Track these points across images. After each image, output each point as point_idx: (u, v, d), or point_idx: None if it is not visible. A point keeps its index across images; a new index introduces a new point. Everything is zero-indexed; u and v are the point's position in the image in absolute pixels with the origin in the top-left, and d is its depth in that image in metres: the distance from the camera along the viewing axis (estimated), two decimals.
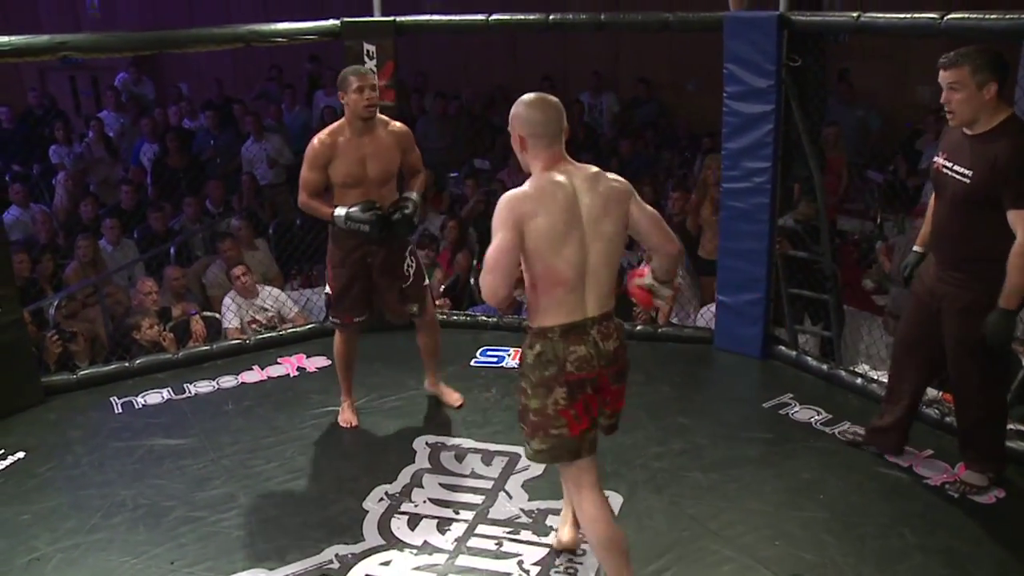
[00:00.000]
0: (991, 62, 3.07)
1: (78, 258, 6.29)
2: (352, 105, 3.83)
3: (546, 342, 2.65)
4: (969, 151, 3.16)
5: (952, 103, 3.15)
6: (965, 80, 3.09)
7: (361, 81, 3.81)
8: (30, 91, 10.21)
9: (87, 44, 4.60)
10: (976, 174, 3.13)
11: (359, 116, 3.84)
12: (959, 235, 3.26)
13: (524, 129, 2.64)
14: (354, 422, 4.21)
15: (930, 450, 3.85)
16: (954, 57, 3.12)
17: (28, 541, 3.42)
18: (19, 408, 4.46)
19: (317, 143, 3.88)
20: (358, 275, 4.03)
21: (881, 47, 8.20)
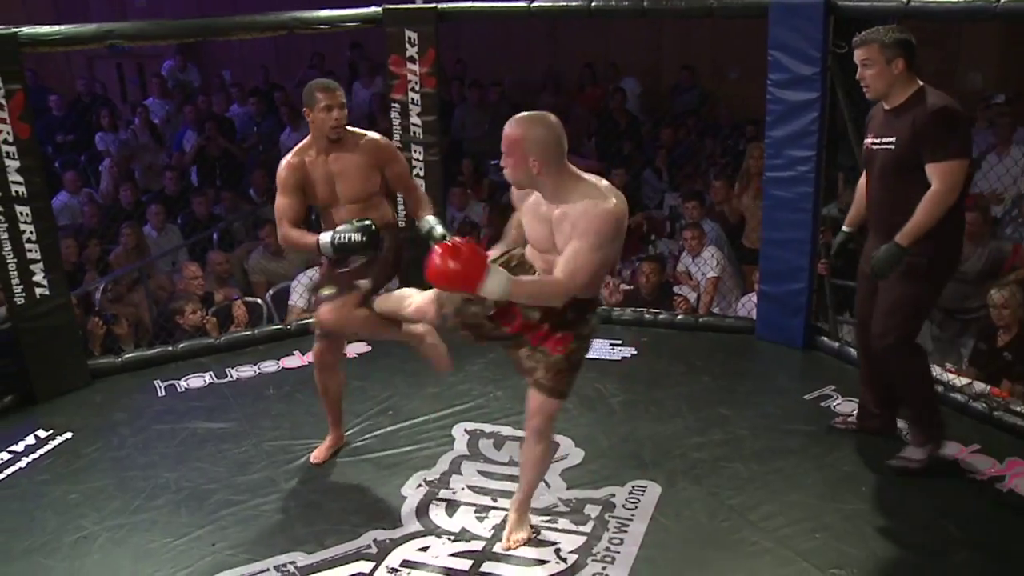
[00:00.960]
0: (897, 40, 3.35)
1: (123, 244, 6.39)
2: (318, 124, 3.44)
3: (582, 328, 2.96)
4: (890, 123, 3.41)
5: (866, 78, 3.41)
6: (875, 57, 3.36)
7: (329, 99, 3.42)
8: (79, 79, 10.38)
9: (133, 32, 4.66)
10: (899, 140, 3.36)
11: (324, 135, 3.47)
12: (891, 204, 3.43)
13: (541, 153, 2.71)
14: (319, 458, 3.82)
15: (976, 444, 3.77)
16: (864, 37, 3.40)
17: (75, 520, 3.49)
18: (66, 390, 4.55)
19: (284, 165, 3.52)
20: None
21: (931, 33, 8.01)
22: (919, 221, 3.29)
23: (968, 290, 5.03)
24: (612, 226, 2.71)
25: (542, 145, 2.71)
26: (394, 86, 5.10)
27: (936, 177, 3.27)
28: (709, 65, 9.39)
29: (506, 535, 3.25)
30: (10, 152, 4.19)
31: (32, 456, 3.99)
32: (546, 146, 2.71)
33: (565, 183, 2.75)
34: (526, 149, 2.71)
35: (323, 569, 3.15)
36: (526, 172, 2.75)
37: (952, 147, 3.26)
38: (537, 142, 2.71)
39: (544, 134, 2.72)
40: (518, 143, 2.73)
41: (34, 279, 4.37)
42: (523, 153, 2.72)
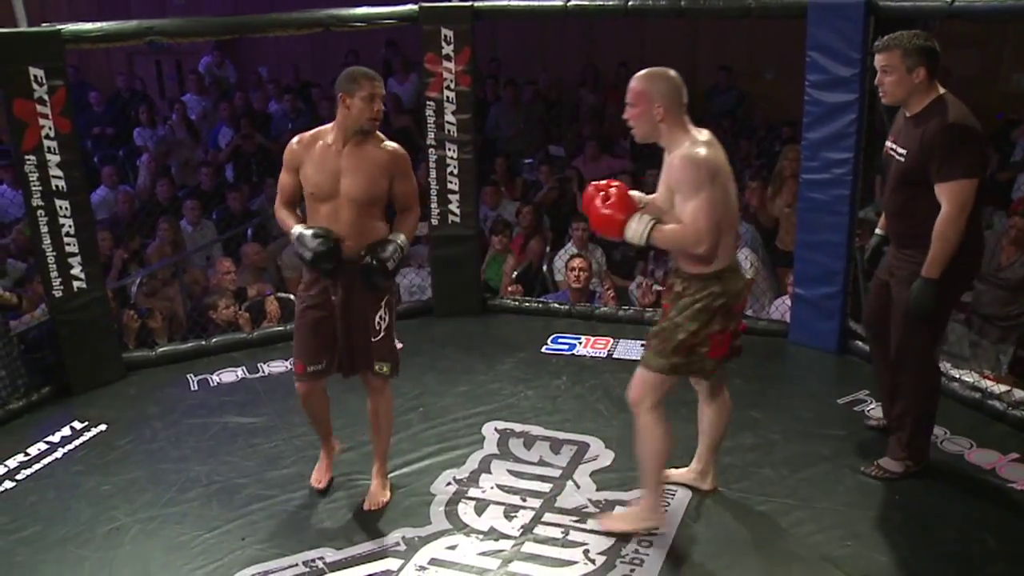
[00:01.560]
0: (920, 48, 3.25)
1: (160, 238, 6.46)
2: (355, 113, 3.20)
3: (720, 283, 3.00)
4: (908, 132, 3.34)
5: (884, 84, 3.34)
6: (896, 63, 3.27)
7: (372, 88, 3.19)
8: (119, 75, 10.52)
9: (172, 29, 4.72)
10: (909, 152, 3.31)
11: (359, 127, 3.24)
12: (901, 212, 3.43)
13: (663, 99, 2.92)
14: (322, 483, 3.63)
15: (1015, 453, 3.71)
16: (886, 41, 3.31)
17: (108, 511, 3.54)
18: (102, 383, 4.61)
19: (295, 140, 3.35)
20: (318, 312, 3.35)
21: (974, 33, 7.90)
22: (937, 249, 3.23)
23: (1008, 297, 4.95)
24: (694, 171, 2.87)
25: (665, 92, 2.94)
26: (429, 84, 5.11)
27: (944, 198, 3.20)
28: (745, 66, 9.31)
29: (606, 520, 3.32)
30: (51, 147, 4.25)
31: (68, 447, 4.05)
32: (669, 93, 2.94)
33: (678, 135, 2.96)
34: (652, 96, 2.93)
35: (352, 565, 3.16)
36: (650, 119, 2.95)
37: (960, 166, 3.17)
38: (661, 90, 2.94)
39: (667, 83, 2.96)
40: (644, 92, 2.95)
41: (72, 272, 4.43)
42: (648, 100, 2.93)
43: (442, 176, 5.23)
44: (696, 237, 2.90)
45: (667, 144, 2.98)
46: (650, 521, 3.26)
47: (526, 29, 9.91)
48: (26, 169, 4.24)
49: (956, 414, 4.05)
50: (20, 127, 4.18)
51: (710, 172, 2.89)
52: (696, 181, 2.87)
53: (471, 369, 4.66)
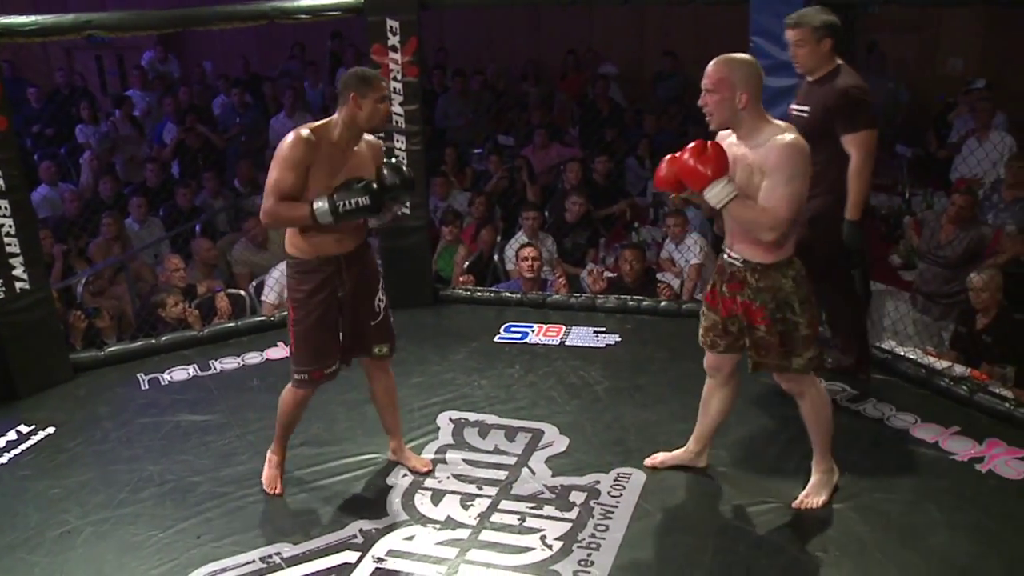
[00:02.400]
0: (826, 22, 3.71)
1: (103, 234, 6.35)
2: (366, 114, 3.17)
3: (795, 267, 3.05)
4: (808, 93, 3.80)
5: (798, 57, 3.77)
6: (807, 37, 3.72)
7: (385, 90, 3.21)
8: (57, 70, 10.29)
9: (112, 23, 4.61)
10: (812, 110, 3.75)
11: (368, 127, 3.23)
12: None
13: (749, 87, 2.92)
14: (278, 488, 3.54)
15: (957, 426, 3.81)
16: (798, 18, 3.75)
17: (59, 515, 3.48)
18: (48, 384, 4.53)
19: (299, 138, 3.14)
20: (328, 314, 3.33)
21: (911, 18, 8.06)
22: (856, 192, 3.70)
23: (949, 274, 5.07)
24: (797, 160, 2.88)
25: (749, 80, 2.93)
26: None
27: (854, 148, 3.67)
28: (692, 52, 9.39)
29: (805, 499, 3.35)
30: None
31: (14, 451, 3.97)
32: (753, 81, 2.93)
33: (759, 123, 2.95)
34: (735, 83, 2.91)
35: (309, 559, 3.16)
36: (731, 107, 2.93)
37: (864, 120, 3.66)
38: (744, 77, 2.92)
39: (751, 70, 2.95)
40: (726, 79, 2.93)
41: (14, 273, 4.34)
42: (731, 87, 2.91)
43: None
44: (773, 223, 2.91)
45: (748, 132, 2.97)
46: (835, 477, 3.39)
47: (473, 18, 9.89)
48: None
49: (901, 390, 4.15)
50: None
51: (808, 163, 2.91)
52: (794, 170, 2.88)
53: (424, 360, 4.66)
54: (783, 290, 3.04)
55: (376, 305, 3.45)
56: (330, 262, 3.29)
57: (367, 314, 3.43)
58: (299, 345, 3.37)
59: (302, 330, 3.33)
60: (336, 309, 3.35)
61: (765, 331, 3.09)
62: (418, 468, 3.67)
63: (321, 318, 3.32)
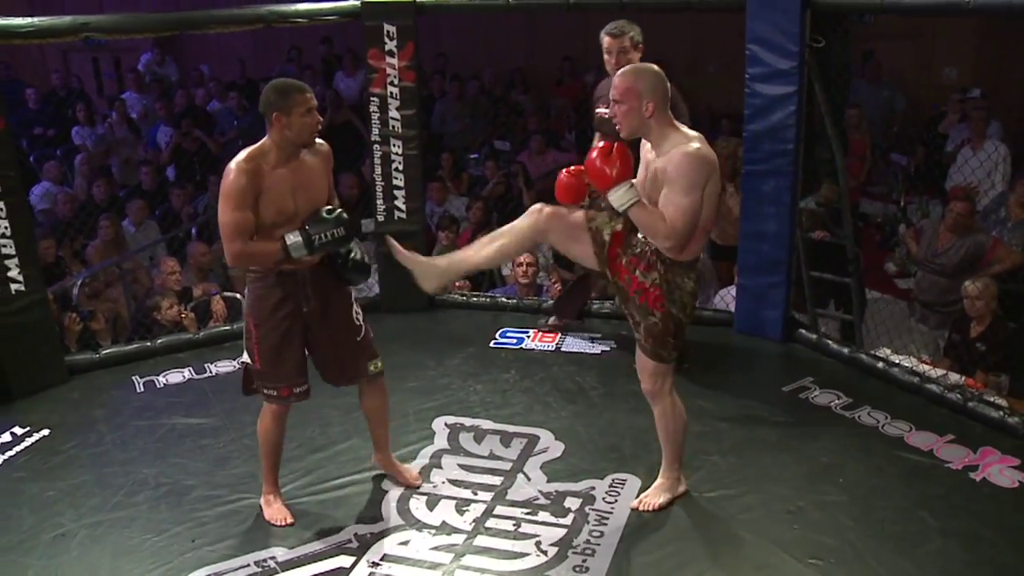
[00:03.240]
0: (638, 33, 4.25)
1: (100, 237, 6.34)
2: (296, 128, 3.03)
3: (695, 271, 3.14)
4: None
5: (621, 63, 4.04)
6: (628, 46, 4.18)
7: (309, 101, 3.05)
8: (54, 72, 10.27)
9: (109, 25, 4.61)
10: None
11: (301, 142, 3.09)
12: None
13: (656, 95, 2.97)
14: (288, 518, 3.36)
15: (951, 435, 3.82)
16: (620, 29, 4.23)
17: (53, 517, 3.47)
18: (43, 387, 4.51)
19: (238, 172, 2.99)
20: (293, 330, 3.21)
21: (907, 27, 8.09)
22: None
23: (947, 283, 5.08)
24: (696, 169, 2.93)
25: (654, 89, 2.98)
26: (373, 80, 5.09)
27: None
28: (687, 59, 9.41)
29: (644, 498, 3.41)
30: None
31: (8, 453, 3.95)
32: (657, 90, 2.98)
33: (667, 130, 3.01)
34: (641, 92, 2.96)
35: (304, 564, 3.15)
36: (639, 116, 2.98)
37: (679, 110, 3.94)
38: (650, 86, 2.97)
39: (655, 79, 3.00)
40: (632, 89, 2.98)
41: (9, 275, 4.32)
42: (638, 97, 2.96)
43: (387, 172, 5.21)
44: (669, 233, 2.96)
45: (656, 140, 3.03)
46: (679, 488, 3.43)
47: (470, 24, 9.90)
48: None
49: (896, 399, 4.17)
50: None
51: (709, 172, 2.95)
52: (694, 181, 2.92)
53: (420, 364, 4.66)
54: (682, 289, 3.11)
55: (355, 319, 3.34)
56: (290, 277, 3.17)
57: (347, 330, 3.32)
58: (264, 363, 3.23)
59: (267, 348, 3.21)
60: (302, 325, 3.22)
61: (659, 319, 3.14)
62: (409, 481, 3.59)
63: (286, 334, 3.20)
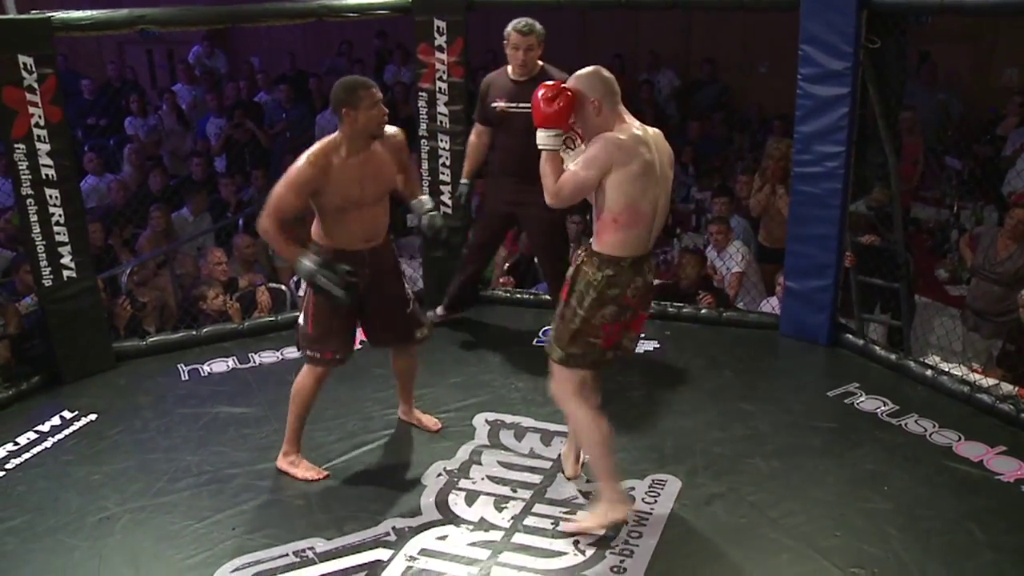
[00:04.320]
0: (543, 30, 4.48)
1: (151, 227, 6.43)
2: (364, 122, 3.29)
3: (618, 269, 3.03)
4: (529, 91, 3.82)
5: (527, 60, 4.45)
6: (534, 43, 4.44)
7: (373, 96, 3.29)
8: (109, 64, 10.45)
9: (164, 18, 4.68)
10: None
11: (369, 134, 3.34)
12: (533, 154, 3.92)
13: (598, 93, 2.99)
14: (323, 472, 3.64)
15: (1003, 446, 3.73)
16: (529, 27, 4.43)
17: (99, 501, 3.53)
18: (92, 372, 4.60)
19: (307, 164, 3.28)
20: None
21: (966, 28, 7.91)
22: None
23: (1003, 292, 4.96)
24: (601, 149, 2.94)
25: (595, 87, 3.00)
26: (422, 75, 5.10)
27: None
28: (738, 58, 9.31)
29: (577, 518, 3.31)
30: (41, 135, 4.23)
31: (58, 436, 4.04)
32: (600, 87, 3.00)
33: (619, 124, 3.02)
34: (584, 93, 2.99)
35: (342, 555, 3.16)
36: (590, 116, 3.00)
37: None
38: (590, 86, 3.00)
39: (594, 78, 3.03)
40: (578, 92, 3.01)
41: (62, 261, 4.41)
42: (584, 98, 2.99)
43: (434, 167, 5.22)
44: (554, 191, 3.03)
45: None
46: (613, 514, 3.20)
47: None
48: (15, 157, 4.21)
49: (945, 407, 4.08)
50: (9, 115, 4.16)
51: (618, 158, 2.93)
52: (594, 157, 2.94)
53: (462, 360, 4.66)
54: (586, 280, 3.06)
55: (407, 293, 3.68)
56: (350, 255, 3.43)
57: (398, 303, 3.63)
58: (314, 326, 3.51)
59: (320, 312, 3.47)
60: (354, 298, 3.41)
61: (562, 307, 3.16)
62: (428, 427, 3.96)
63: (338, 305, 3.40)
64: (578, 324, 3.10)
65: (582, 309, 3.08)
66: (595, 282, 3.05)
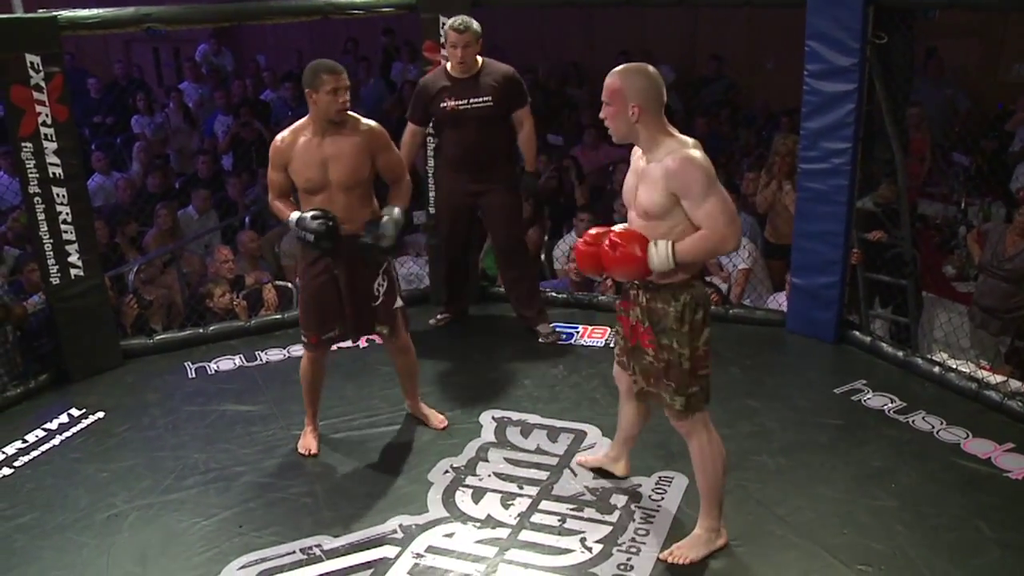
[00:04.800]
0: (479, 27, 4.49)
1: (157, 225, 6.45)
2: (322, 106, 3.42)
3: (692, 290, 2.88)
4: (471, 88, 4.55)
5: (465, 57, 4.48)
6: (471, 40, 4.45)
7: (336, 82, 3.41)
8: (116, 62, 10.47)
9: (170, 16, 4.69)
10: (493, 99, 4.55)
11: (328, 118, 3.46)
12: (486, 147, 4.64)
13: (639, 98, 2.76)
14: (313, 449, 3.80)
15: (1011, 443, 3.72)
16: (466, 24, 4.44)
17: (107, 498, 3.55)
18: (99, 369, 4.62)
19: (277, 141, 3.56)
20: (325, 286, 3.62)
21: (974, 23, 7.87)
22: (532, 151, 4.76)
23: (1011, 289, 4.94)
24: (700, 171, 2.72)
25: (642, 92, 2.77)
26: (428, 72, 5.09)
27: (527, 117, 4.66)
28: (744, 55, 9.28)
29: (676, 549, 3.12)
30: (48, 134, 4.24)
31: (66, 434, 4.05)
32: (646, 93, 2.77)
33: (658, 136, 2.81)
34: (627, 95, 2.77)
35: (349, 553, 3.17)
36: (626, 120, 2.79)
37: (527, 96, 4.67)
38: (637, 89, 2.77)
39: (645, 82, 2.79)
40: (619, 91, 2.79)
41: (69, 260, 4.43)
42: (624, 100, 2.77)
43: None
44: (721, 236, 2.74)
45: (646, 147, 2.83)
46: (720, 541, 3.11)
47: (526, 17, 9.87)
48: (23, 156, 4.23)
49: (953, 404, 4.07)
50: (17, 114, 4.17)
51: (707, 171, 2.74)
52: (705, 181, 2.72)
53: (468, 357, 4.67)
54: (668, 316, 2.87)
55: (376, 289, 3.67)
56: None
57: (366, 296, 3.66)
58: (302, 310, 3.74)
59: (304, 296, 3.70)
60: (334, 284, 3.61)
61: (652, 357, 2.95)
62: (435, 424, 3.98)
63: (320, 288, 3.62)
64: (689, 363, 2.90)
65: (683, 347, 2.89)
66: (679, 313, 2.86)
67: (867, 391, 4.22)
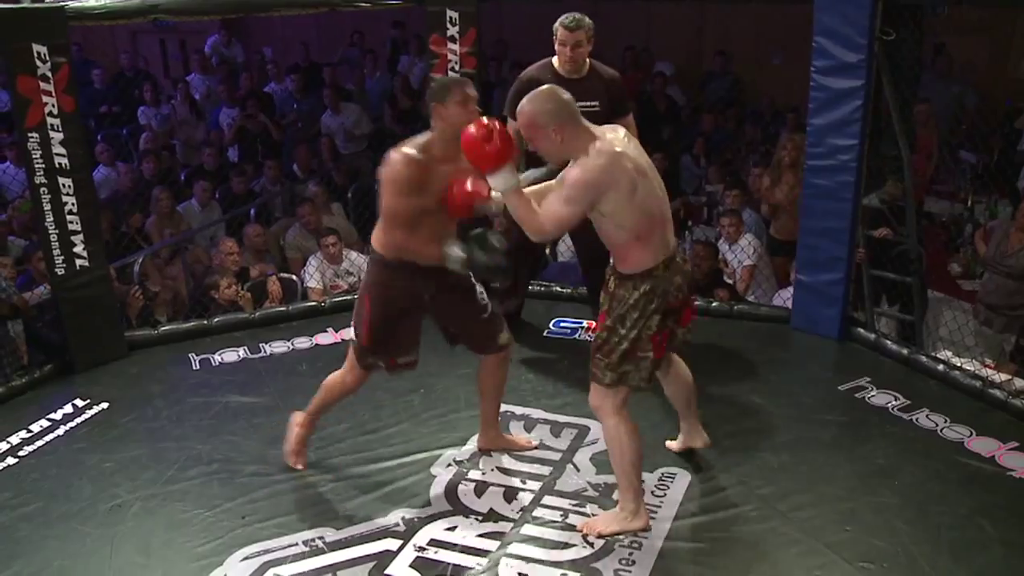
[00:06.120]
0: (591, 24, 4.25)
1: (156, 211, 6.45)
2: (453, 119, 3.14)
3: (654, 279, 2.95)
4: (584, 89, 4.02)
5: (578, 56, 4.21)
6: (583, 39, 4.19)
7: (465, 92, 3.17)
8: (122, 53, 10.47)
9: (177, 7, 4.67)
10: (601, 103, 4.18)
11: (456, 133, 3.09)
12: None
13: (556, 119, 2.85)
14: (302, 463, 3.64)
15: (1015, 442, 3.71)
16: (579, 21, 4.19)
17: (110, 488, 3.56)
18: (104, 360, 4.62)
19: (406, 161, 3.13)
20: (409, 310, 3.39)
21: (982, 20, 7.84)
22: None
23: (1014, 286, 4.92)
24: (580, 184, 2.82)
25: (555, 113, 2.85)
26: (434, 65, 5.09)
27: (632, 128, 4.11)
28: (751, 51, 9.25)
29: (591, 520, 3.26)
30: (54, 124, 4.25)
31: (70, 424, 4.07)
32: (558, 112, 2.86)
33: (585, 145, 2.86)
34: (543, 123, 2.86)
35: (351, 545, 3.18)
36: (554, 144, 2.88)
37: (630, 103, 4.45)
38: (548, 112, 2.86)
39: (552, 103, 2.87)
40: (534, 123, 2.88)
41: (74, 250, 4.43)
42: (543, 128, 2.86)
43: None
44: (537, 229, 2.93)
45: (575, 158, 2.88)
46: (636, 523, 3.18)
47: (533, 11, 9.84)
48: (29, 146, 4.23)
49: (957, 402, 4.06)
50: (23, 104, 4.18)
51: (603, 188, 2.81)
52: (576, 195, 2.82)
53: (472, 352, 4.65)
54: (624, 303, 2.97)
55: (480, 299, 3.47)
56: (412, 267, 3.27)
57: (473, 311, 3.46)
58: (375, 335, 3.38)
59: (378, 323, 3.35)
60: (419, 308, 3.39)
61: (601, 336, 3.05)
62: (524, 445, 3.77)
63: (400, 314, 3.36)
64: (627, 345, 3.00)
65: (625, 329, 2.99)
66: (633, 302, 2.96)
67: (871, 388, 4.21)
